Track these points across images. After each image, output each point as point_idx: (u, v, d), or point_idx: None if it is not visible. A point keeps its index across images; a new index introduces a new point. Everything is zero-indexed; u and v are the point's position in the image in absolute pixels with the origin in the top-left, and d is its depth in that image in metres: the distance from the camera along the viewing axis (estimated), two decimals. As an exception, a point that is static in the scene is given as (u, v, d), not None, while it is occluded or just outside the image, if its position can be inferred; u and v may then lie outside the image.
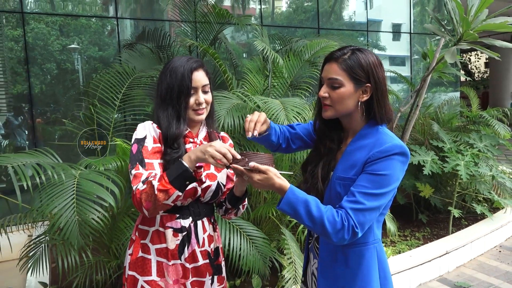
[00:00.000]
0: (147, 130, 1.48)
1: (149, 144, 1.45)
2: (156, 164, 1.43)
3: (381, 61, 1.33)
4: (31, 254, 2.69)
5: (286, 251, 2.79)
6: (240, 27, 4.32)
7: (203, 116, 1.55)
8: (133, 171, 1.40)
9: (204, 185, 1.52)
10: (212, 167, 1.56)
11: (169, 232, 1.49)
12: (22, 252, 2.68)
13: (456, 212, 3.91)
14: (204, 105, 1.53)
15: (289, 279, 2.62)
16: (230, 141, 1.72)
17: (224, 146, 1.30)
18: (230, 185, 1.67)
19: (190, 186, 1.46)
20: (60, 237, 2.42)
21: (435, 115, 5.02)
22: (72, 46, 4.89)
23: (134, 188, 1.37)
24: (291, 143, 1.62)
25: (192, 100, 1.50)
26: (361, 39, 7.01)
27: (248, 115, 1.47)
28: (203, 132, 1.62)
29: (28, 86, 4.59)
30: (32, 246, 2.70)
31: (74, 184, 2.24)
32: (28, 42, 4.56)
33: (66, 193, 2.20)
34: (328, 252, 1.37)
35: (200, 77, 1.52)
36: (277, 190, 1.23)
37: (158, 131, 1.48)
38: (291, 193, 1.21)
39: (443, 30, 3.60)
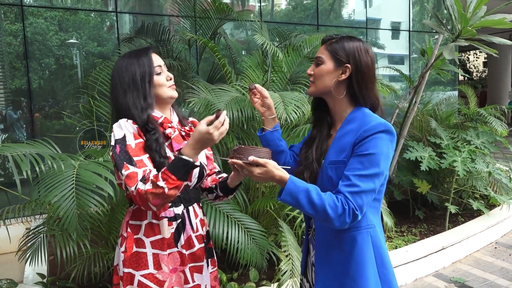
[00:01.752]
0: (124, 129, 1.42)
1: (131, 142, 1.40)
2: (145, 160, 1.39)
3: (369, 49, 1.39)
4: (29, 244, 2.70)
5: (283, 243, 2.80)
6: (240, 23, 4.34)
7: (176, 92, 1.55)
8: (124, 172, 1.34)
9: None
10: None
11: (164, 222, 1.49)
12: (20, 243, 2.69)
13: (452, 209, 3.93)
14: (173, 80, 1.54)
15: (286, 272, 2.63)
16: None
17: (221, 130, 1.30)
18: (210, 166, 1.68)
19: None
20: (59, 227, 2.43)
21: (433, 112, 5.03)
22: (71, 41, 4.90)
23: (132, 188, 1.31)
24: (296, 157, 1.63)
25: (162, 78, 1.50)
26: (360, 37, 7.03)
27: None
28: (175, 117, 1.60)
29: (27, 81, 4.60)
30: (31, 236, 2.71)
31: (74, 174, 2.24)
32: (27, 36, 4.57)
33: (65, 183, 2.20)
34: (324, 238, 1.40)
35: (158, 57, 1.53)
36: (277, 181, 1.25)
37: (135, 126, 1.43)
38: (291, 183, 1.24)
39: (441, 26, 3.62)
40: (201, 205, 1.66)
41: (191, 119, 1.71)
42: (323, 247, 1.39)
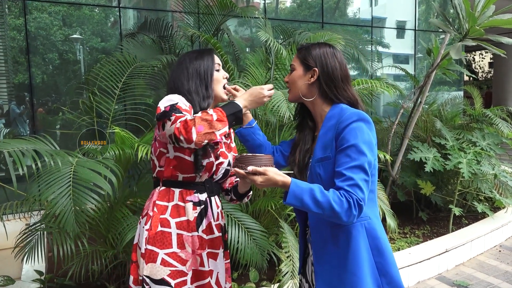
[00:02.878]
0: (177, 99, 1.52)
1: (183, 105, 1.50)
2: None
3: (337, 54, 1.49)
4: (27, 241, 2.66)
5: (284, 245, 2.76)
6: (244, 20, 4.27)
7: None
8: (172, 117, 1.43)
9: (218, 161, 1.64)
10: (223, 146, 1.68)
11: (190, 205, 1.58)
12: (18, 240, 2.65)
13: (457, 211, 3.88)
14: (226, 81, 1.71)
15: (287, 273, 2.59)
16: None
17: (270, 92, 1.56)
18: None
19: (208, 160, 1.58)
20: (56, 224, 2.39)
21: (438, 112, 4.97)
22: (75, 36, 4.85)
23: (180, 119, 1.40)
24: (284, 152, 1.69)
25: (220, 74, 1.67)
26: (365, 35, 6.95)
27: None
28: None
29: (29, 75, 4.56)
30: (28, 233, 2.67)
31: (71, 171, 2.22)
32: (30, 31, 4.52)
33: (62, 180, 2.18)
34: (319, 236, 1.42)
35: (219, 59, 1.70)
36: (281, 186, 1.29)
37: (188, 104, 1.54)
38: (294, 185, 1.27)
39: (448, 25, 3.54)
40: (220, 199, 1.77)
41: None
42: (320, 245, 1.42)
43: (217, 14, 3.88)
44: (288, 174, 1.31)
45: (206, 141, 1.41)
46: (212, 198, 1.66)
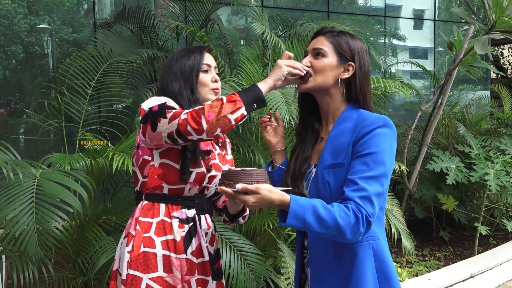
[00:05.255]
0: (163, 99, 1.54)
1: (172, 104, 1.53)
2: None
3: (366, 49, 1.47)
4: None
5: (284, 270, 2.74)
6: (237, 9, 4.27)
7: (219, 95, 1.65)
8: (168, 114, 1.45)
9: (210, 174, 1.63)
10: (217, 157, 1.69)
11: (175, 222, 1.57)
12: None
13: (483, 229, 3.87)
14: (219, 84, 1.68)
15: (287, 303, 2.57)
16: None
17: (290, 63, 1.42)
18: None
19: (198, 170, 1.58)
20: (16, 247, 2.37)
21: (461, 115, 4.99)
22: (42, 26, 4.84)
23: (182, 115, 1.42)
24: None
25: (208, 77, 1.65)
26: (378, 26, 6.97)
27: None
28: None
29: (-11, 71, 4.55)
30: (-17, 257, 2.64)
31: (34, 185, 2.22)
32: (-10, 20, 4.51)
33: (24, 196, 2.18)
34: (320, 255, 1.41)
35: (211, 58, 1.69)
36: (278, 206, 1.26)
37: (178, 106, 1.55)
38: (294, 204, 1.23)
39: (473, 16, 3.55)
40: (213, 219, 1.74)
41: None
42: (320, 263, 1.42)
43: (206, 1, 3.88)
44: (285, 191, 1.29)
45: (219, 129, 1.40)
46: (202, 216, 1.64)
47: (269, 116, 1.61)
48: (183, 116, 1.41)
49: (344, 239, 1.25)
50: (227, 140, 1.83)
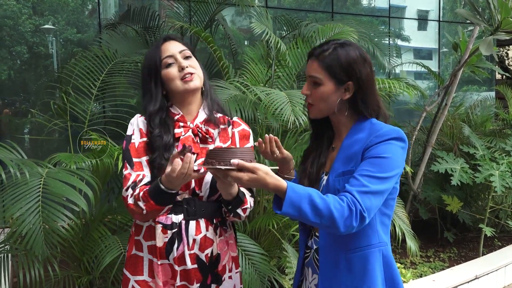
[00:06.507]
0: (134, 125, 1.59)
1: (136, 140, 1.57)
2: (143, 163, 1.55)
3: (366, 56, 1.43)
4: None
5: (288, 270, 2.75)
6: (242, 10, 4.29)
7: (196, 83, 1.57)
8: (123, 171, 1.53)
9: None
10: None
11: (158, 228, 1.54)
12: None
13: (488, 231, 3.87)
14: (190, 69, 1.56)
15: (291, 303, 2.58)
16: (244, 127, 1.72)
17: (178, 168, 1.36)
18: None
19: None
20: (22, 246, 2.39)
21: (466, 116, 4.98)
22: (47, 26, 4.87)
23: (123, 192, 1.50)
24: None
25: (172, 70, 1.55)
26: (382, 27, 6.97)
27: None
28: (201, 115, 1.64)
29: (-6, 71, 4.57)
30: (-10, 256, 2.66)
31: (40, 184, 2.23)
32: (-5, 20, 4.54)
33: (30, 195, 2.18)
34: (330, 261, 1.41)
35: (172, 46, 1.58)
36: (272, 190, 1.24)
37: (146, 121, 1.58)
38: (291, 191, 1.21)
39: (478, 16, 3.56)
40: (218, 224, 1.61)
41: (235, 118, 1.74)
42: (330, 269, 1.41)
43: (211, 1, 3.89)
44: (275, 171, 1.27)
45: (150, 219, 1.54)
46: (192, 221, 1.54)
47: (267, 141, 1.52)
48: (124, 194, 1.51)
49: (337, 231, 1.23)
50: (221, 127, 1.66)
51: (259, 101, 2.85)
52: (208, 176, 1.54)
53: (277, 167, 1.43)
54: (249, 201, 1.60)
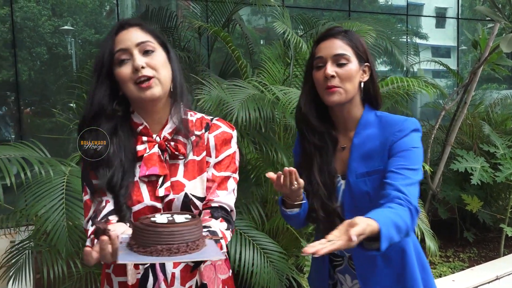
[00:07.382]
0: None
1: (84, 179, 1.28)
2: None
3: None
4: (13, 261, 2.71)
5: (306, 269, 2.76)
6: (258, 9, 4.31)
7: (154, 91, 1.18)
8: (83, 196, 1.24)
9: (165, 200, 1.23)
10: (179, 173, 1.26)
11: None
12: (3, 259, 2.71)
13: (509, 231, 3.83)
14: (147, 71, 1.17)
15: (309, 301, 2.59)
16: (225, 129, 1.33)
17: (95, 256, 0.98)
18: (211, 195, 1.30)
19: (143, 205, 1.22)
20: (46, 243, 2.44)
21: (486, 115, 4.93)
22: (66, 27, 4.96)
23: (84, 223, 1.22)
24: None
25: (125, 69, 1.18)
26: (399, 25, 6.94)
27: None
28: (170, 124, 1.27)
29: (15, 72, 4.67)
30: (15, 252, 2.73)
31: (64, 182, 2.27)
32: (16, 22, 4.64)
33: (54, 192, 2.23)
34: (366, 262, 1.39)
35: (130, 35, 1.19)
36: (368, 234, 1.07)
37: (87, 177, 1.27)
38: (384, 228, 1.05)
39: (498, 13, 3.52)
40: None
41: (215, 120, 1.34)
42: (369, 271, 1.39)
43: (228, 1, 3.93)
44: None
45: None
46: None
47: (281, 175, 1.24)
48: (84, 226, 1.21)
49: (406, 237, 1.24)
50: (196, 134, 1.29)
51: (277, 100, 2.86)
52: (178, 201, 1.24)
53: (304, 201, 1.32)
54: (226, 235, 1.25)
